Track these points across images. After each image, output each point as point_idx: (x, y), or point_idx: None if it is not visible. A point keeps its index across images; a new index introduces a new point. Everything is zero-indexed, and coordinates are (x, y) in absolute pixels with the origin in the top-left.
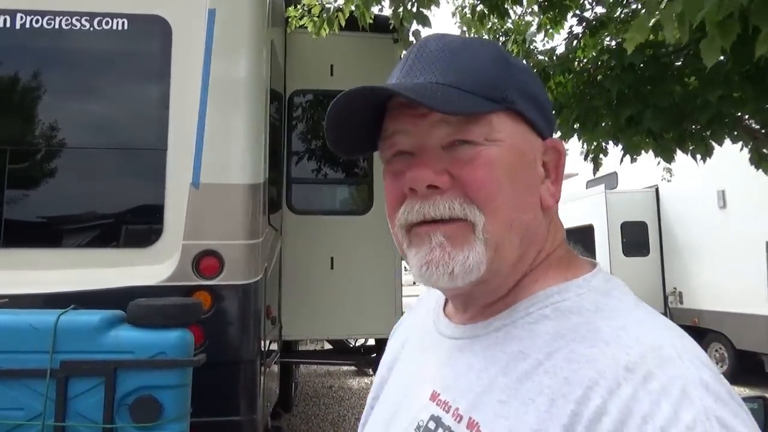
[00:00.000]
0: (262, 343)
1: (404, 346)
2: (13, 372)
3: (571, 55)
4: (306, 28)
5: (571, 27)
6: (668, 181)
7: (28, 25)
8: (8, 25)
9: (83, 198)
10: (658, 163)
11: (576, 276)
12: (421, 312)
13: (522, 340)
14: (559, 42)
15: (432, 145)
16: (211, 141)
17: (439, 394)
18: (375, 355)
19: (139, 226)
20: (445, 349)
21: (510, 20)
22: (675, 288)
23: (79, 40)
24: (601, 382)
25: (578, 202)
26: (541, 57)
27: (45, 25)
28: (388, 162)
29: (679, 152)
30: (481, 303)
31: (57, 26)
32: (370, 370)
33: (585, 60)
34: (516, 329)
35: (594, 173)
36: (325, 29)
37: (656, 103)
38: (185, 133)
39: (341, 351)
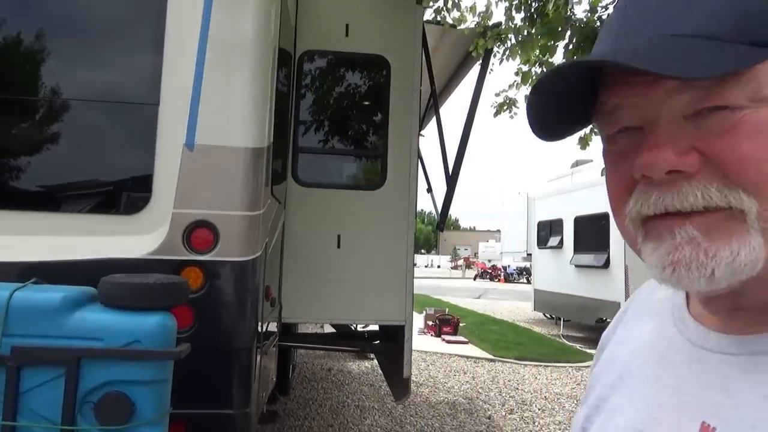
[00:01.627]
0: (260, 327)
1: (631, 360)
2: None
3: None
4: None
5: None
6: None
7: None
8: None
9: (63, 155)
10: None
11: None
12: (644, 313)
13: None
14: None
15: (670, 117)
16: (209, 98)
17: (713, 428)
18: (378, 342)
19: (124, 190)
20: (712, 366)
21: None
22: None
23: None
24: None
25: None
26: None
27: None
28: (609, 140)
29: None
30: (756, 304)
31: None
32: (372, 355)
33: None
34: None
35: None
36: None
37: None
38: (181, 88)
39: (343, 335)
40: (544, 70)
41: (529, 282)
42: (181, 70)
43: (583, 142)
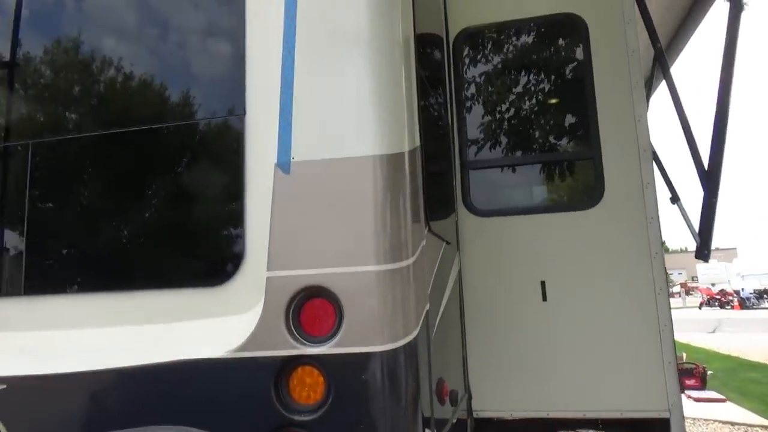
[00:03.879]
0: None
1: None
2: None
3: None
4: None
5: None
6: None
7: None
8: None
9: (113, 209)
10: None
11: None
12: None
13: None
14: None
15: None
16: (307, 99)
17: None
18: None
19: (203, 250)
20: None
21: None
22: None
23: None
24: None
25: None
26: None
27: None
28: None
29: None
30: None
31: None
32: None
33: None
34: None
35: None
36: None
37: None
38: (271, 93)
39: (565, 423)
40: None
41: None
42: (269, 70)
43: None
